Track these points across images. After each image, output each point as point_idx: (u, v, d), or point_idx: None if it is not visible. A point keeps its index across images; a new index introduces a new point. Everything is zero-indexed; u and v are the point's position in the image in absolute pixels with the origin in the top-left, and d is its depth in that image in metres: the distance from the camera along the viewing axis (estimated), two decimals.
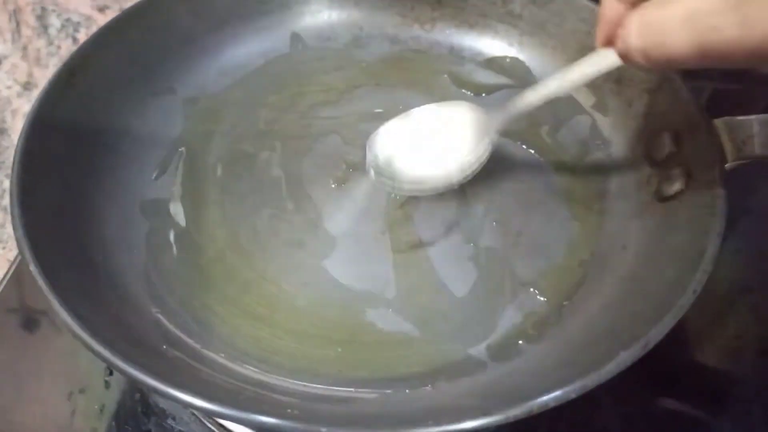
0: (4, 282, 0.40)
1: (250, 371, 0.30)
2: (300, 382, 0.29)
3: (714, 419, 0.36)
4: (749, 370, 0.37)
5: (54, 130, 0.33)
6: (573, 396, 0.24)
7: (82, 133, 0.35)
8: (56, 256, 0.29)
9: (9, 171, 0.59)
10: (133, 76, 0.38)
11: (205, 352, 0.30)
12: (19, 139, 0.31)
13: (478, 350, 0.31)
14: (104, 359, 0.25)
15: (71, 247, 0.31)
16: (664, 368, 0.36)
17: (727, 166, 0.32)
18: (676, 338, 0.27)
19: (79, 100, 0.35)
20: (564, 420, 0.35)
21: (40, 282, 0.26)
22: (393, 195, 0.36)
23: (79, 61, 0.35)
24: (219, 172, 0.38)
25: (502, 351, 0.30)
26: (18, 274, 0.41)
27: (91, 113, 0.36)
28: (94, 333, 0.25)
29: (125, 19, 0.38)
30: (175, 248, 0.35)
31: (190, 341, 0.30)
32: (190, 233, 0.35)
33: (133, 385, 0.36)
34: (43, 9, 0.60)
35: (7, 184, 0.59)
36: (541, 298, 0.32)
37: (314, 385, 0.29)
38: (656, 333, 0.25)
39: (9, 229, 0.58)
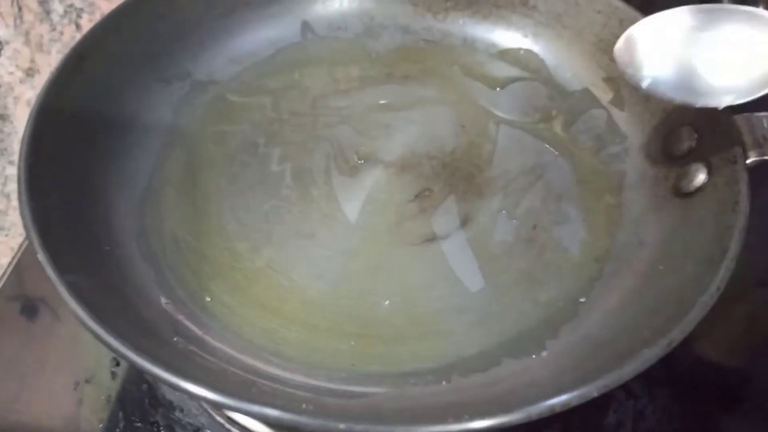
0: (9, 270, 0.39)
1: (261, 364, 0.29)
2: (313, 376, 0.29)
3: (727, 416, 0.35)
4: (763, 367, 0.36)
5: (62, 116, 0.32)
6: (595, 394, 0.23)
7: (90, 119, 0.34)
8: (64, 244, 0.28)
9: (11, 157, 0.59)
10: (141, 63, 0.38)
11: (216, 343, 0.30)
12: (26, 125, 0.31)
13: (493, 345, 0.30)
14: (115, 350, 0.24)
15: (79, 236, 0.30)
16: (676, 364, 0.35)
17: (747, 162, 0.31)
18: (690, 334, 0.26)
19: (87, 85, 0.34)
20: (577, 414, 0.35)
21: (49, 271, 0.26)
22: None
23: (88, 46, 0.34)
24: (227, 161, 0.38)
25: (518, 347, 0.30)
26: (20, 261, 0.40)
27: (98, 99, 0.35)
28: (104, 323, 0.25)
29: (134, 5, 0.37)
30: (183, 237, 0.34)
31: (200, 332, 0.30)
32: (197, 223, 0.35)
33: (140, 375, 0.36)
34: None
35: (9, 170, 0.58)
36: (557, 294, 0.32)
37: (327, 379, 0.29)
38: (680, 331, 0.25)
39: (12, 216, 0.57)
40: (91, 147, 0.34)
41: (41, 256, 0.26)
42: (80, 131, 0.33)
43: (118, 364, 0.36)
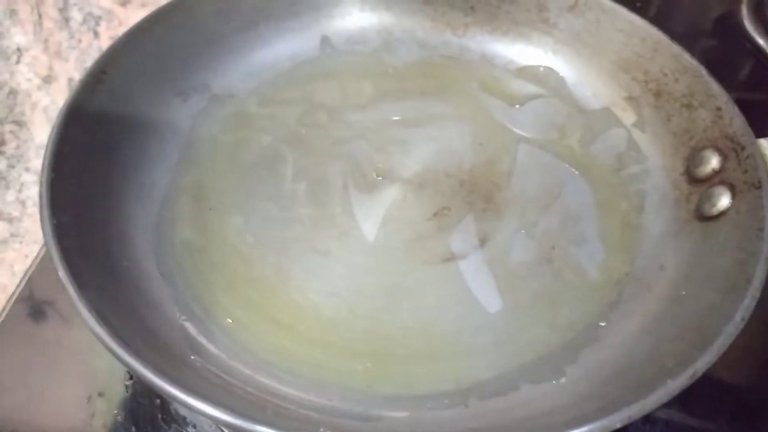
0: (25, 279, 0.39)
1: (275, 383, 0.29)
2: (328, 397, 0.28)
3: None
4: None
5: (82, 131, 0.32)
6: (618, 425, 0.23)
7: (110, 133, 0.34)
8: (84, 260, 0.28)
9: (27, 164, 0.59)
10: (161, 76, 0.38)
11: (231, 362, 0.29)
12: (48, 141, 0.30)
13: (510, 369, 0.30)
14: (132, 369, 0.24)
15: (98, 251, 0.30)
16: (694, 386, 0.35)
17: None
18: None
19: (107, 100, 0.34)
20: None
21: (70, 289, 0.26)
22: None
23: (110, 58, 0.35)
24: (244, 175, 0.38)
25: (537, 371, 0.30)
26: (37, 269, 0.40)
27: (118, 113, 0.35)
28: (122, 341, 0.25)
29: (155, 19, 0.37)
30: (199, 253, 0.34)
31: (215, 350, 0.30)
32: (213, 237, 0.35)
33: (154, 390, 0.35)
34: (65, 2, 0.59)
35: (25, 177, 0.59)
36: (576, 317, 0.32)
37: (343, 401, 0.28)
38: (704, 361, 0.24)
39: (26, 222, 0.57)
40: (110, 160, 0.34)
41: (62, 273, 0.26)
42: (100, 145, 0.33)
43: (131, 378, 0.36)
